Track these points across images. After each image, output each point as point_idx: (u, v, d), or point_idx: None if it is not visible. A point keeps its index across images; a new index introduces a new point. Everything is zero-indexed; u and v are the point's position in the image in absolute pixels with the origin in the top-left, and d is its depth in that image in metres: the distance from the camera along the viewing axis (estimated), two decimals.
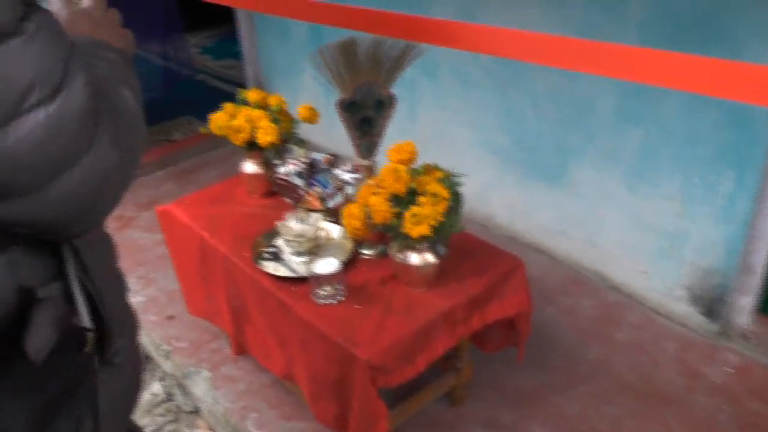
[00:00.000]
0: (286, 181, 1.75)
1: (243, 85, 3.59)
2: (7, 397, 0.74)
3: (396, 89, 1.57)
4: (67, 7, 0.88)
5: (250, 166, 1.89)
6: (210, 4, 3.70)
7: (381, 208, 1.41)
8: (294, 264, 1.61)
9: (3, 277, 0.68)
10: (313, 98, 2.19)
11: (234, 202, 1.92)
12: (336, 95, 1.53)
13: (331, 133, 2.49)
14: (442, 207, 1.38)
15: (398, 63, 1.47)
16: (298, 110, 1.85)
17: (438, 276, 1.54)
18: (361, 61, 1.47)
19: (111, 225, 0.95)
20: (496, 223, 2.65)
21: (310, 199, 1.73)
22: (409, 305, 1.49)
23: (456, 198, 1.44)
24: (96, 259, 0.86)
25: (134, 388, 1.00)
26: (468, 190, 1.51)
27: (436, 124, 2.72)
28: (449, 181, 1.43)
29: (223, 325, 1.89)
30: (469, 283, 1.55)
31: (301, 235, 1.61)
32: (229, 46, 4.54)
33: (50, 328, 0.71)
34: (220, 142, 2.06)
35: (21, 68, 0.59)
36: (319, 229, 1.63)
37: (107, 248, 0.95)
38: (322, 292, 1.51)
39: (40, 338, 0.70)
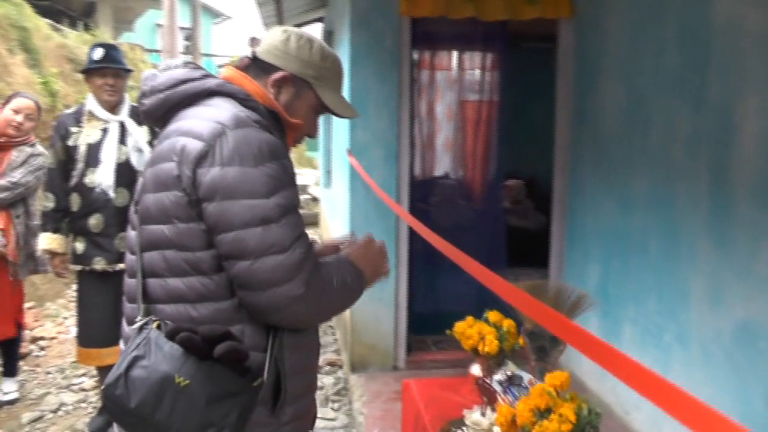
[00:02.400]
0: (487, 383, 2.20)
1: None
2: None
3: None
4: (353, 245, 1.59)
5: (476, 369, 2.39)
6: (538, 245, 4.50)
7: (523, 414, 1.79)
8: None
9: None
10: None
11: (455, 392, 2.42)
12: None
13: None
14: (565, 427, 1.70)
15: (573, 308, 1.88)
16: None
17: None
18: (546, 301, 1.92)
19: None
20: None
21: (500, 402, 2.14)
22: None
23: (585, 426, 1.73)
24: (297, 356, 1.45)
25: None
26: None
27: None
28: (581, 411, 1.74)
29: None
30: None
31: (477, 424, 2.04)
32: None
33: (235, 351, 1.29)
34: None
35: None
36: (492, 423, 2.03)
37: (309, 353, 1.55)
38: None
39: (229, 348, 1.27)
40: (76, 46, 8.75)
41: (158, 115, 1.47)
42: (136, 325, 1.33)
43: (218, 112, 1.36)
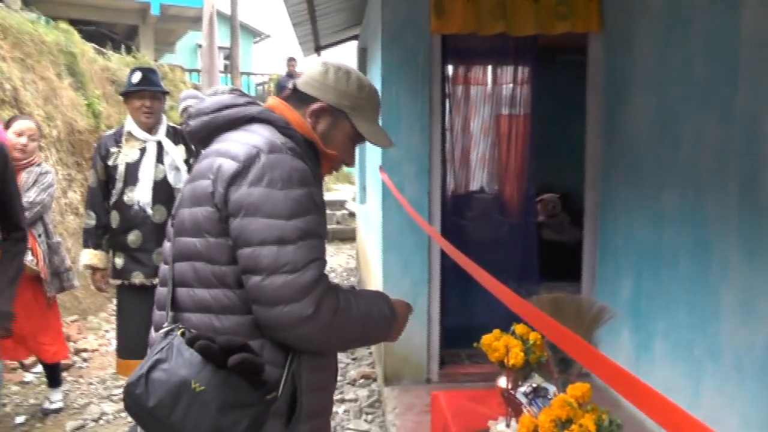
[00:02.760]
0: (513, 395, 2.22)
1: None
2: None
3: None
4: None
5: (502, 381, 2.41)
6: (573, 259, 4.47)
7: (545, 425, 1.81)
8: None
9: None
10: None
11: (482, 403, 2.45)
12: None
13: None
14: None
15: (594, 321, 1.90)
16: None
17: None
18: (567, 314, 1.94)
19: None
20: None
21: (525, 414, 2.16)
22: None
23: None
24: (314, 375, 1.50)
25: None
26: None
27: (703, 404, 2.80)
28: (602, 422, 1.75)
29: None
30: None
31: None
32: None
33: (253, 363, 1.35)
34: None
35: None
36: None
37: (327, 373, 1.60)
38: None
39: (242, 359, 1.33)
40: (118, 68, 9.05)
41: (201, 136, 1.57)
42: (162, 331, 1.41)
43: (255, 137, 1.44)
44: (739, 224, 2.76)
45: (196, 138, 1.59)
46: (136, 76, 3.45)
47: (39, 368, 4.73)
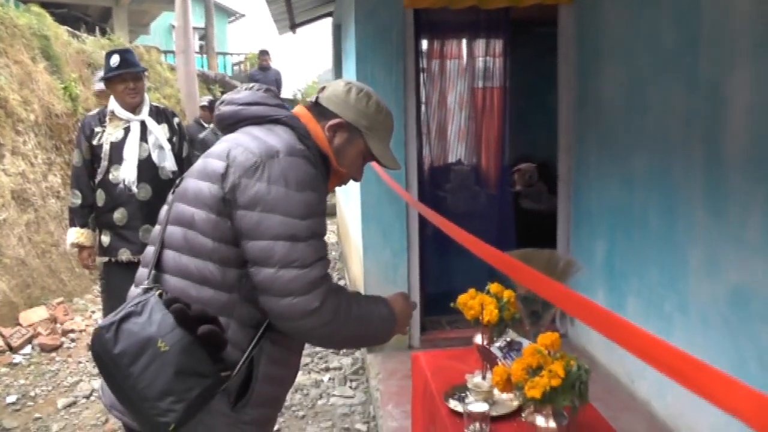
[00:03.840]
0: (488, 350, 2.33)
1: None
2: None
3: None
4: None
5: (479, 338, 2.53)
6: (551, 227, 4.58)
7: (517, 373, 1.92)
8: (469, 407, 2.17)
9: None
10: None
11: (461, 361, 2.56)
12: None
13: None
14: (555, 381, 1.83)
15: (564, 273, 2.01)
16: None
17: None
18: (537, 267, 2.04)
19: None
20: None
21: (500, 366, 2.27)
22: None
23: (575, 382, 1.86)
24: (273, 367, 1.57)
25: None
26: (697, 428, 1.85)
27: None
28: (571, 368, 1.87)
29: None
30: None
31: (478, 387, 2.18)
32: None
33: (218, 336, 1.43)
34: None
35: None
36: (491, 385, 2.17)
37: (286, 371, 1.66)
38: (472, 427, 2.04)
39: (211, 331, 1.42)
40: (93, 51, 8.98)
41: (228, 122, 1.67)
42: (142, 288, 1.50)
43: (276, 138, 1.54)
44: (703, 184, 2.89)
45: (223, 123, 1.69)
46: (115, 59, 3.48)
47: (28, 350, 4.81)
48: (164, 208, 1.64)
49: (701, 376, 0.86)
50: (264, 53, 11.70)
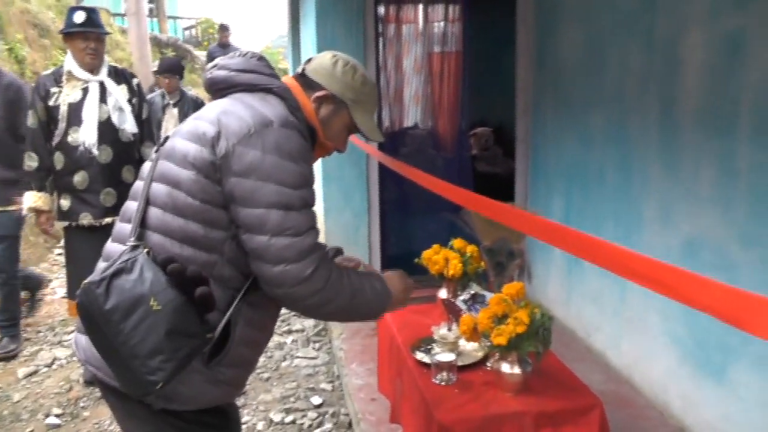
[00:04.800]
0: (453, 303, 2.40)
1: None
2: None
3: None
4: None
5: (443, 292, 2.59)
6: (507, 189, 4.65)
7: (483, 321, 1.99)
8: (436, 357, 2.23)
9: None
10: None
11: (426, 315, 2.62)
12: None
13: None
14: (520, 328, 1.90)
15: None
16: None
17: (524, 387, 2.01)
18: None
19: None
20: (672, 413, 2.81)
21: (464, 318, 2.34)
22: (493, 400, 2.00)
23: (539, 329, 1.94)
24: (249, 330, 1.58)
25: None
26: (650, 374, 1.91)
27: (629, 307, 3.08)
28: (535, 315, 1.94)
29: (387, 395, 2.56)
30: (547, 401, 1.98)
31: (444, 338, 2.24)
32: None
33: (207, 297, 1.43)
34: None
35: None
36: (457, 336, 2.23)
37: (261, 333, 1.67)
38: (439, 376, 2.10)
39: (206, 293, 1.42)
40: (39, 11, 8.67)
41: (218, 87, 1.66)
42: (129, 244, 1.48)
43: (270, 108, 1.54)
44: (658, 140, 2.98)
45: (213, 87, 1.67)
46: (80, 16, 3.35)
47: None
48: (148, 164, 1.61)
49: (667, 277, 0.92)
50: (224, 29, 11.28)
